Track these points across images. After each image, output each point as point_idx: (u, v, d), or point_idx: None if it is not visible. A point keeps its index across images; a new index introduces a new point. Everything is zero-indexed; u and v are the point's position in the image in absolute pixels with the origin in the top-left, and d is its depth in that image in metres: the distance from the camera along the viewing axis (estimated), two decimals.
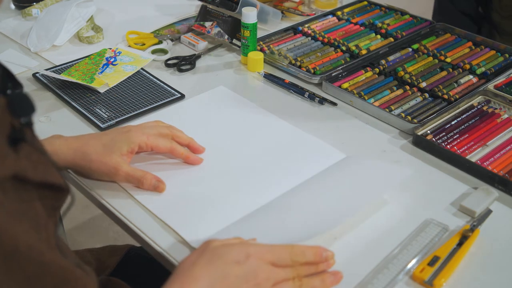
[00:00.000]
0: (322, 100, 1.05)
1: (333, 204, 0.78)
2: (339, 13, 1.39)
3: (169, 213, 0.79)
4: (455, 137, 0.95)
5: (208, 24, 1.27)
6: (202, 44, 1.24)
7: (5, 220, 0.47)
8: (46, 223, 0.53)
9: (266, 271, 0.64)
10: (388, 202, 0.81)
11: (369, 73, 1.14)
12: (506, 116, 1.01)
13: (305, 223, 0.75)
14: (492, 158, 0.90)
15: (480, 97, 1.06)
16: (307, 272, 0.67)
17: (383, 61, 1.17)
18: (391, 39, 1.26)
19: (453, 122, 0.98)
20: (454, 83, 1.11)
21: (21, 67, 1.12)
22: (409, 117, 1.00)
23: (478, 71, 1.14)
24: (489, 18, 1.62)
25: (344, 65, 1.15)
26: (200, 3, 1.29)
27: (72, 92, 1.06)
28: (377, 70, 1.14)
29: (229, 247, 0.65)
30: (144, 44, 1.24)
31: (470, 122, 0.98)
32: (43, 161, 0.53)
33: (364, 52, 1.20)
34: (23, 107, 0.52)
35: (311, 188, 0.82)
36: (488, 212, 0.80)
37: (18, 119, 0.51)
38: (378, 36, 1.28)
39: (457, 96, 1.06)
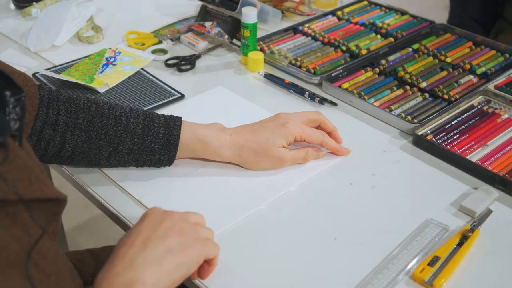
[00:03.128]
0: (322, 100, 1.05)
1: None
2: (339, 13, 1.39)
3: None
4: (455, 137, 0.94)
5: (208, 24, 1.27)
6: (202, 44, 1.24)
7: None
8: (36, 233, 0.53)
9: (188, 223, 0.69)
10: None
11: (369, 73, 1.14)
12: (506, 116, 1.01)
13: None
14: (492, 158, 0.90)
15: (480, 97, 1.06)
16: None
17: (383, 61, 1.17)
18: (391, 39, 1.26)
19: (453, 122, 0.98)
20: (454, 83, 1.11)
21: (21, 67, 1.12)
22: (409, 117, 0.99)
23: (478, 71, 1.14)
24: (502, 14, 1.62)
25: (344, 65, 1.15)
26: (200, 3, 1.29)
27: (71, 92, 1.06)
28: (377, 70, 1.14)
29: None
30: (144, 44, 1.24)
31: (470, 122, 0.98)
32: (24, 178, 0.53)
33: (364, 52, 1.20)
34: None
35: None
36: (488, 212, 0.79)
37: None
38: (378, 36, 1.28)
39: (457, 96, 1.05)
